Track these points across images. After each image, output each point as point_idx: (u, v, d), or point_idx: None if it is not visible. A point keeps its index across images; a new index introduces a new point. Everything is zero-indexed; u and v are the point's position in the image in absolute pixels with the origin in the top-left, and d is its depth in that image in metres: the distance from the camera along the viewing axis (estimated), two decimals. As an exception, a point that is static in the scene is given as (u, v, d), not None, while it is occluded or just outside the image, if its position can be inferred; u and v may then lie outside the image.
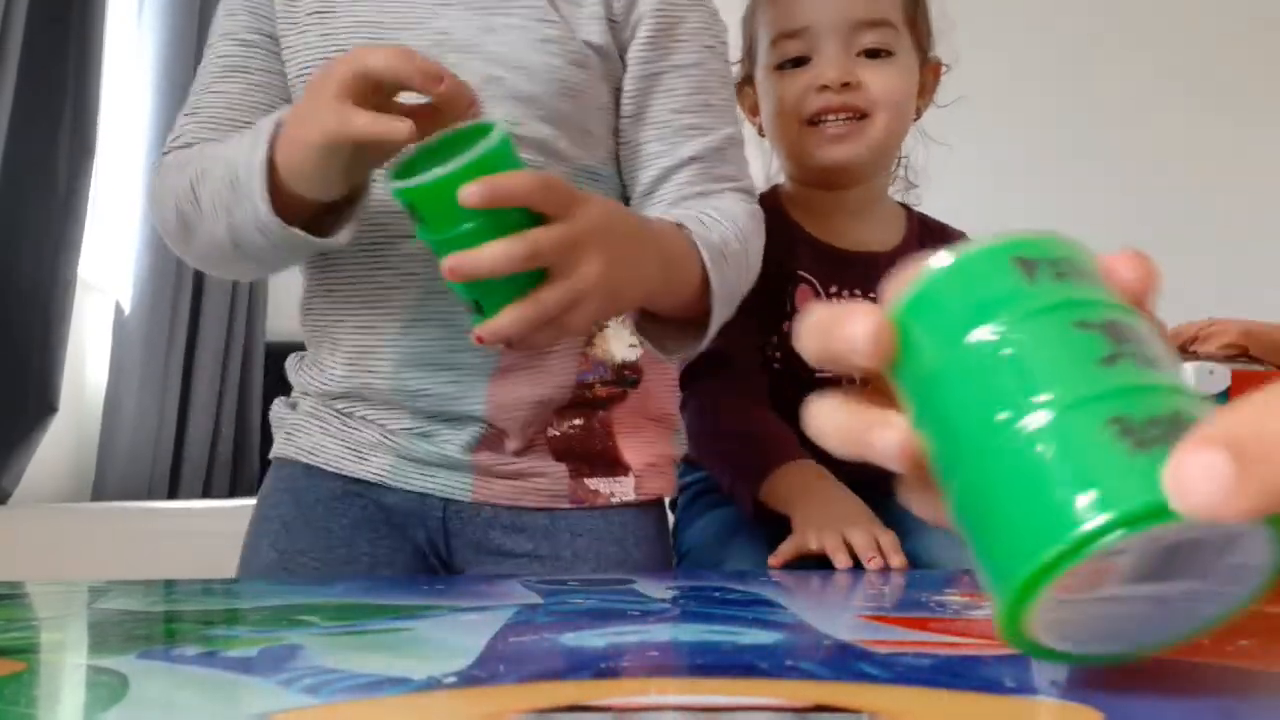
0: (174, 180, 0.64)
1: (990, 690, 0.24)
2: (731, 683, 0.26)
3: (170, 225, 0.65)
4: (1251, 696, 0.25)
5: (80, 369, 1.79)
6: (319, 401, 0.72)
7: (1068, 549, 0.21)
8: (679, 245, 0.62)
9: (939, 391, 0.24)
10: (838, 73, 0.86)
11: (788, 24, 0.89)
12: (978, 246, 0.25)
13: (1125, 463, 0.21)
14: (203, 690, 0.26)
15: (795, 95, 0.88)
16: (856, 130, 0.88)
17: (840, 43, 0.87)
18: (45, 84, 1.51)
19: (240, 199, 0.57)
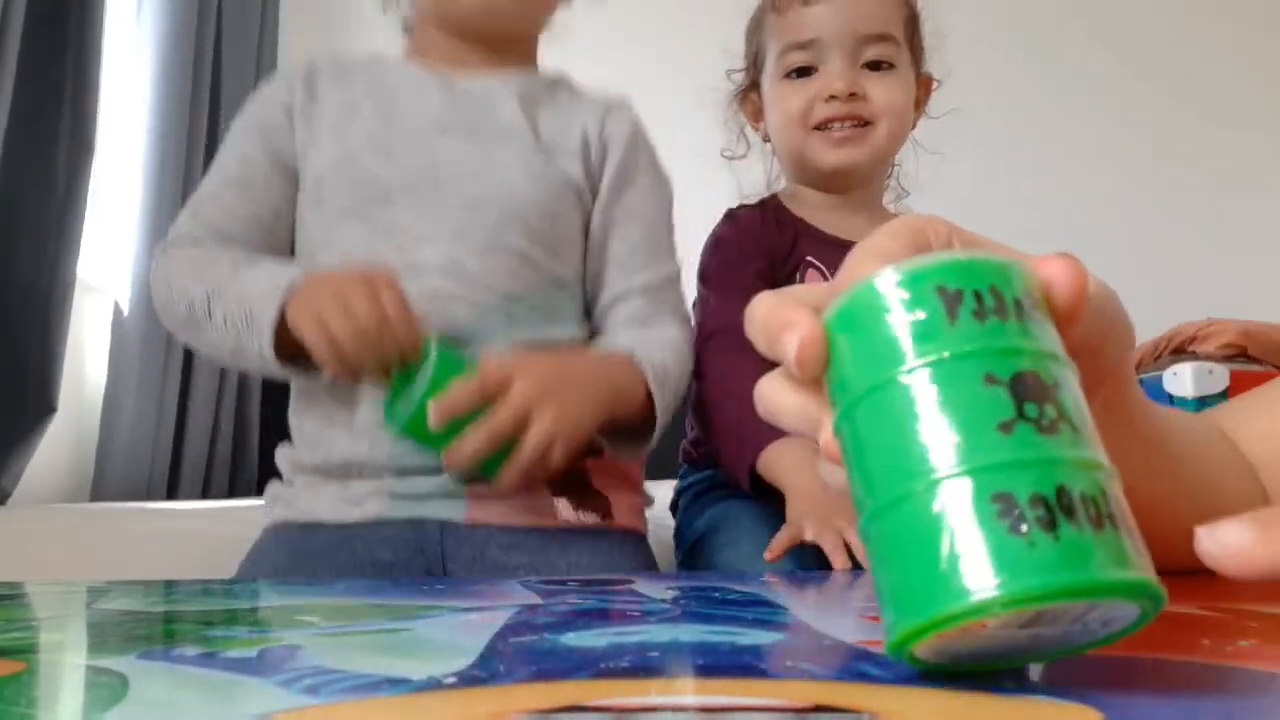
0: (186, 282, 0.74)
1: (990, 690, 0.24)
2: (731, 683, 0.26)
3: (177, 316, 0.75)
4: (1251, 696, 0.25)
5: (79, 369, 1.79)
6: (314, 475, 0.76)
7: (937, 620, 0.22)
8: (625, 373, 0.74)
9: (859, 416, 0.25)
10: (845, 84, 0.93)
11: (796, 36, 0.95)
12: (908, 269, 0.25)
13: (1000, 544, 0.22)
14: (203, 690, 0.26)
15: (803, 103, 0.95)
16: (860, 137, 0.95)
17: (846, 55, 0.94)
18: (44, 83, 1.51)
19: (251, 334, 0.69)
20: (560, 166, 0.79)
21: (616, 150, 0.82)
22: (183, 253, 0.76)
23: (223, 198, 0.78)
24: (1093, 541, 0.22)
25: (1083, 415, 0.24)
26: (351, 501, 0.73)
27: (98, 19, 1.61)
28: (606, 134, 0.82)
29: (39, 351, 1.52)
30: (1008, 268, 0.25)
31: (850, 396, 0.25)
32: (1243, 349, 2.09)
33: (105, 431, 1.82)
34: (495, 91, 0.81)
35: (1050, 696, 0.24)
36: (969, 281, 0.24)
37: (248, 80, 2.24)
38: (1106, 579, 0.22)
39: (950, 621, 0.22)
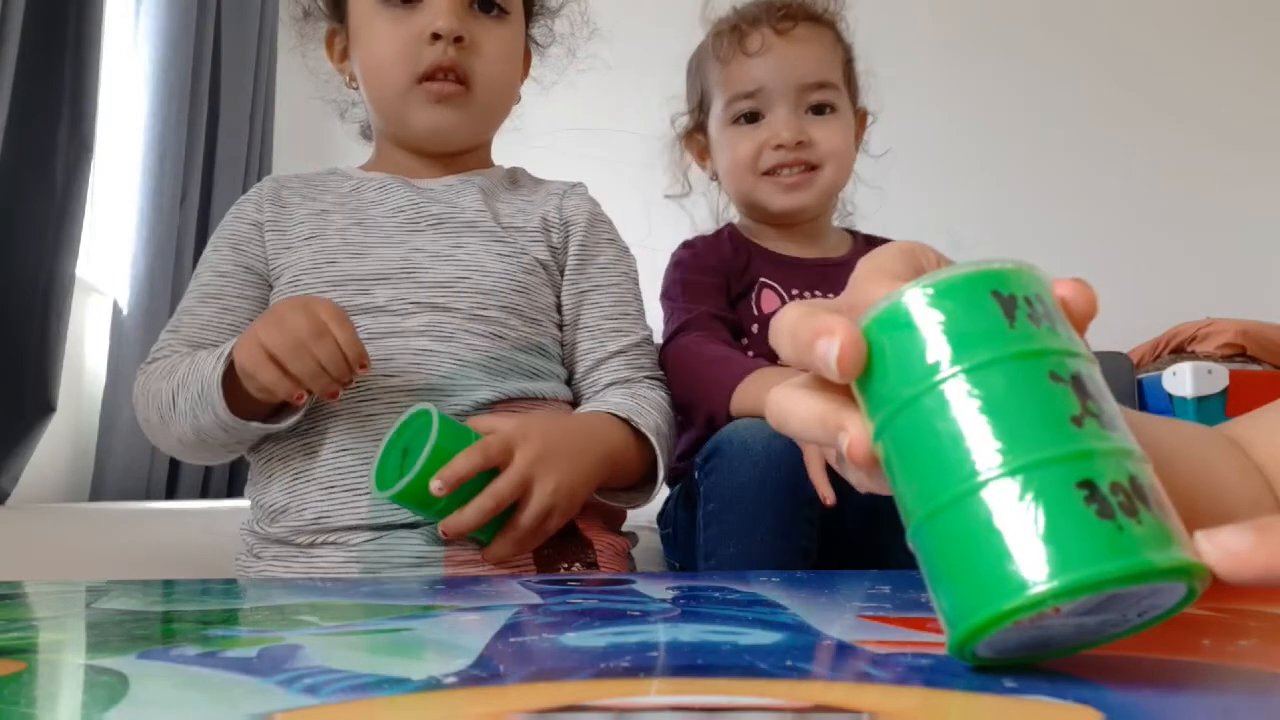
0: (156, 385, 0.76)
1: (990, 690, 0.24)
2: (731, 683, 0.26)
3: (152, 422, 0.78)
4: (1251, 696, 0.25)
5: (78, 369, 1.79)
6: (281, 547, 0.75)
7: (1030, 601, 0.23)
8: (619, 435, 0.77)
9: (909, 419, 0.25)
10: (791, 133, 0.98)
11: (742, 86, 1.00)
12: (957, 274, 0.26)
13: (1090, 529, 0.23)
14: (203, 690, 0.26)
15: (751, 150, 1.00)
16: (808, 181, 1.00)
17: (790, 103, 0.99)
18: (43, 83, 1.51)
19: (204, 404, 0.71)
20: (525, 248, 0.83)
21: (577, 230, 0.86)
22: (157, 366, 0.79)
23: (199, 313, 0.81)
24: (1166, 526, 0.23)
25: (1118, 409, 0.25)
26: (322, 572, 0.73)
27: (97, 19, 1.61)
28: (565, 215, 0.87)
29: (38, 351, 1.52)
30: (1044, 278, 0.26)
31: (900, 400, 0.25)
32: (1242, 348, 2.09)
33: (104, 431, 1.81)
34: (456, 187, 0.85)
35: (1050, 696, 0.24)
36: (1019, 288, 0.25)
37: (247, 80, 2.24)
38: (1187, 561, 0.23)
39: (1042, 603, 0.22)
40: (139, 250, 1.91)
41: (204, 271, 0.84)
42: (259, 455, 0.79)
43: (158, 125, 1.94)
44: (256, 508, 0.78)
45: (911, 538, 0.26)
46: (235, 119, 2.18)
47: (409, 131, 0.84)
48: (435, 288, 0.79)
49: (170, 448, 0.80)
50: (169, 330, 0.82)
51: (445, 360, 0.76)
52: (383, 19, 0.81)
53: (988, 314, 0.25)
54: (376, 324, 0.77)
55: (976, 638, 0.24)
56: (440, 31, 0.78)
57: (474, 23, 0.81)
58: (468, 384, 0.76)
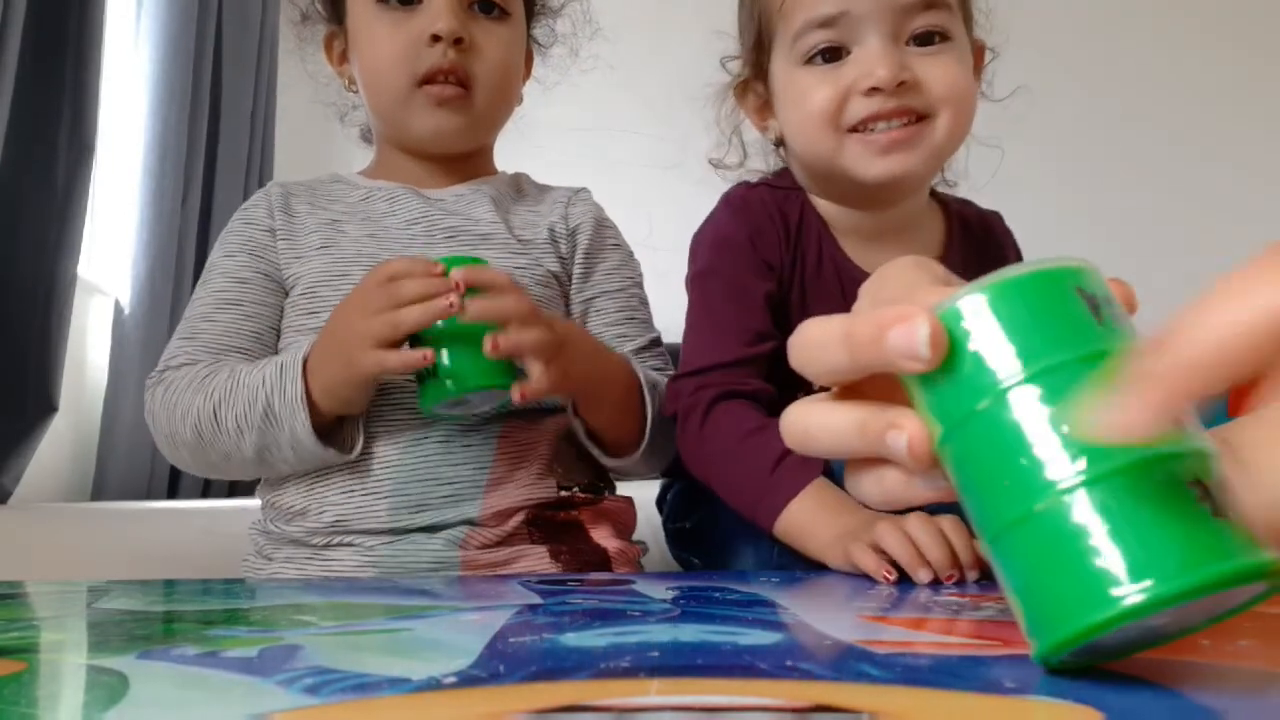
0: (186, 401, 0.73)
1: (990, 690, 0.24)
2: (731, 683, 0.26)
3: (181, 439, 0.74)
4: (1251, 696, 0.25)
5: (80, 369, 1.79)
6: (295, 549, 0.75)
7: (1141, 606, 0.22)
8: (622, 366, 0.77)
9: (995, 416, 0.24)
10: (889, 70, 0.70)
11: (817, 9, 0.73)
12: (1041, 267, 0.25)
13: (1206, 527, 0.22)
14: (203, 690, 0.26)
15: (833, 98, 0.72)
16: (916, 136, 0.72)
17: (887, 30, 0.71)
18: (44, 83, 1.51)
19: (276, 425, 0.70)
20: (538, 261, 0.83)
21: (583, 237, 0.86)
22: (179, 374, 0.76)
23: (217, 319, 0.79)
24: (1245, 526, 0.23)
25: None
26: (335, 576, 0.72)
27: (98, 19, 1.61)
28: (571, 224, 0.86)
29: (39, 351, 1.53)
30: (1104, 279, 0.26)
31: (985, 394, 0.24)
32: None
33: (106, 431, 1.82)
34: (467, 198, 0.85)
35: (1050, 696, 0.24)
36: (1097, 289, 0.25)
37: (248, 81, 2.24)
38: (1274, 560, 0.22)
39: (1167, 602, 0.22)
40: (140, 250, 1.91)
41: (217, 278, 0.82)
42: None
43: (159, 125, 1.94)
44: (271, 508, 0.77)
45: (991, 544, 0.24)
46: (236, 119, 2.18)
47: (410, 135, 0.84)
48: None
49: (205, 465, 0.77)
50: (183, 338, 0.80)
51: None
52: (381, 21, 0.80)
53: (1077, 310, 0.24)
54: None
55: (1072, 645, 0.23)
56: (440, 33, 0.78)
57: (474, 24, 0.81)
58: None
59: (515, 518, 0.74)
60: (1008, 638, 0.32)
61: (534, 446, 0.77)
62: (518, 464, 0.75)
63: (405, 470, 0.73)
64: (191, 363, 0.77)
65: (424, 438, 0.74)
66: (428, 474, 0.73)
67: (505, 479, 0.74)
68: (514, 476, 0.75)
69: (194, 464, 0.77)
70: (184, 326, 0.81)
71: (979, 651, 0.30)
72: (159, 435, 0.77)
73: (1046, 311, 0.24)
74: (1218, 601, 0.24)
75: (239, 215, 0.86)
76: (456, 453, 0.74)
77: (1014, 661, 0.28)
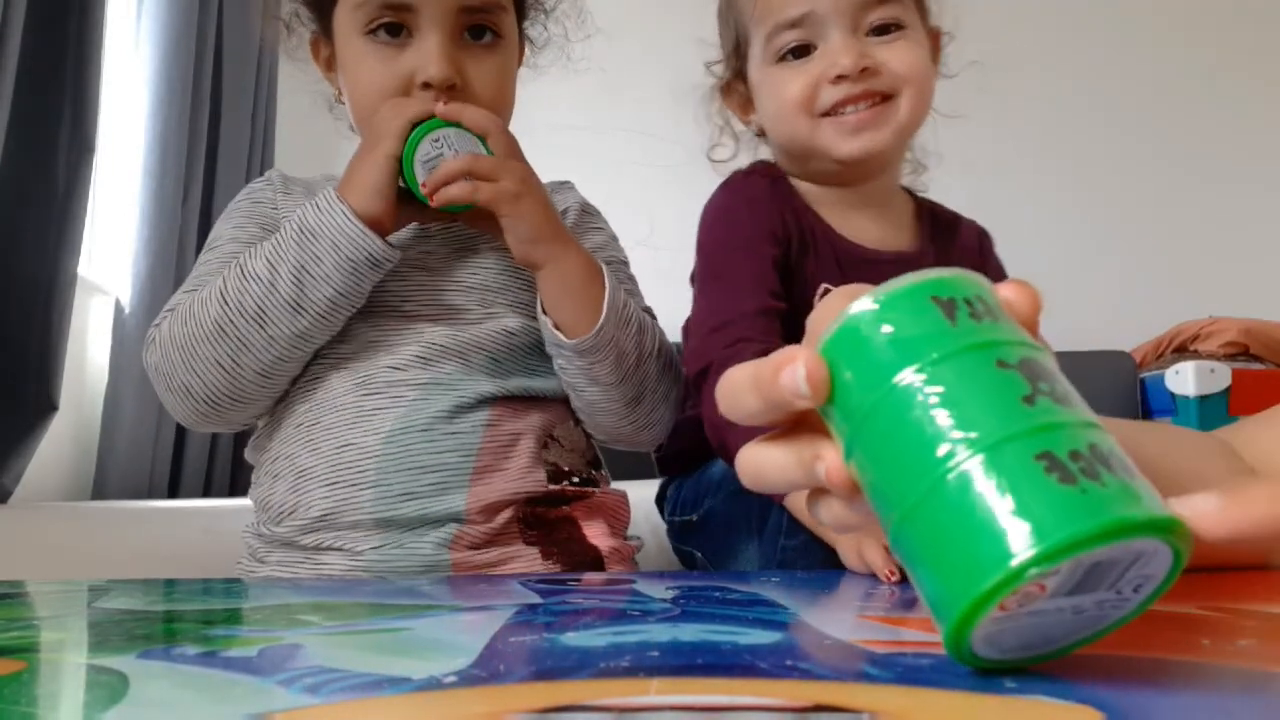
0: (206, 293, 0.73)
1: (990, 690, 0.24)
2: (731, 683, 0.26)
3: (204, 329, 0.72)
4: (1251, 696, 0.25)
5: (80, 368, 1.79)
6: (286, 552, 0.74)
7: (1009, 575, 0.23)
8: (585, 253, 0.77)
9: (872, 427, 0.26)
10: (852, 59, 0.79)
11: (784, 12, 0.82)
12: (897, 286, 0.27)
13: (1054, 495, 0.23)
14: (203, 690, 0.26)
15: (804, 89, 0.81)
16: (880, 116, 0.81)
17: (847, 25, 0.80)
18: (44, 82, 1.51)
19: (312, 236, 0.71)
20: None
21: (568, 219, 0.86)
22: (182, 306, 0.75)
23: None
24: (1133, 485, 0.24)
25: (1074, 391, 0.26)
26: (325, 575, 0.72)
27: (98, 19, 1.61)
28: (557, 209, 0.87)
29: (40, 350, 1.53)
30: (981, 281, 0.28)
31: (861, 411, 0.26)
32: (1245, 347, 2.09)
33: (107, 430, 1.82)
34: None
35: (1050, 696, 0.24)
36: (956, 292, 0.27)
37: (249, 80, 2.24)
38: (1160, 514, 0.23)
39: (1019, 575, 0.23)
40: (141, 249, 1.91)
41: (226, 243, 0.80)
42: (264, 454, 0.78)
43: (159, 125, 1.94)
44: (262, 509, 0.77)
45: (893, 545, 0.26)
46: (237, 118, 2.18)
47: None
48: (446, 290, 0.79)
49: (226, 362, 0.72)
50: (185, 290, 0.78)
51: (452, 356, 0.76)
52: (370, 56, 0.76)
53: (930, 317, 0.26)
54: (386, 323, 0.77)
55: (966, 628, 0.24)
56: (431, 81, 0.75)
57: (466, 57, 0.77)
58: (472, 380, 0.76)
59: (504, 513, 0.73)
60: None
61: (521, 436, 0.76)
62: (505, 454, 0.75)
63: (389, 459, 0.72)
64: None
65: (408, 426, 0.73)
66: (411, 462, 0.72)
67: (492, 468, 0.74)
68: (501, 466, 0.74)
69: (207, 369, 0.73)
70: (190, 283, 0.79)
71: (979, 651, 0.30)
72: (172, 355, 0.74)
73: (906, 323, 0.26)
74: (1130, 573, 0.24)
75: (245, 195, 0.85)
76: (440, 440, 0.73)
77: (1014, 661, 0.28)
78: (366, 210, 0.72)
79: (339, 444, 0.73)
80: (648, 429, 0.81)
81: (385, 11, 0.75)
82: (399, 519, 0.71)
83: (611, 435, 0.82)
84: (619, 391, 0.77)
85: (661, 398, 0.81)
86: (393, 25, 0.75)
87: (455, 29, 0.76)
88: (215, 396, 0.74)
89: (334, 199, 0.72)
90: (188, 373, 0.73)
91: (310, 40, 0.85)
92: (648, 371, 0.79)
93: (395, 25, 0.75)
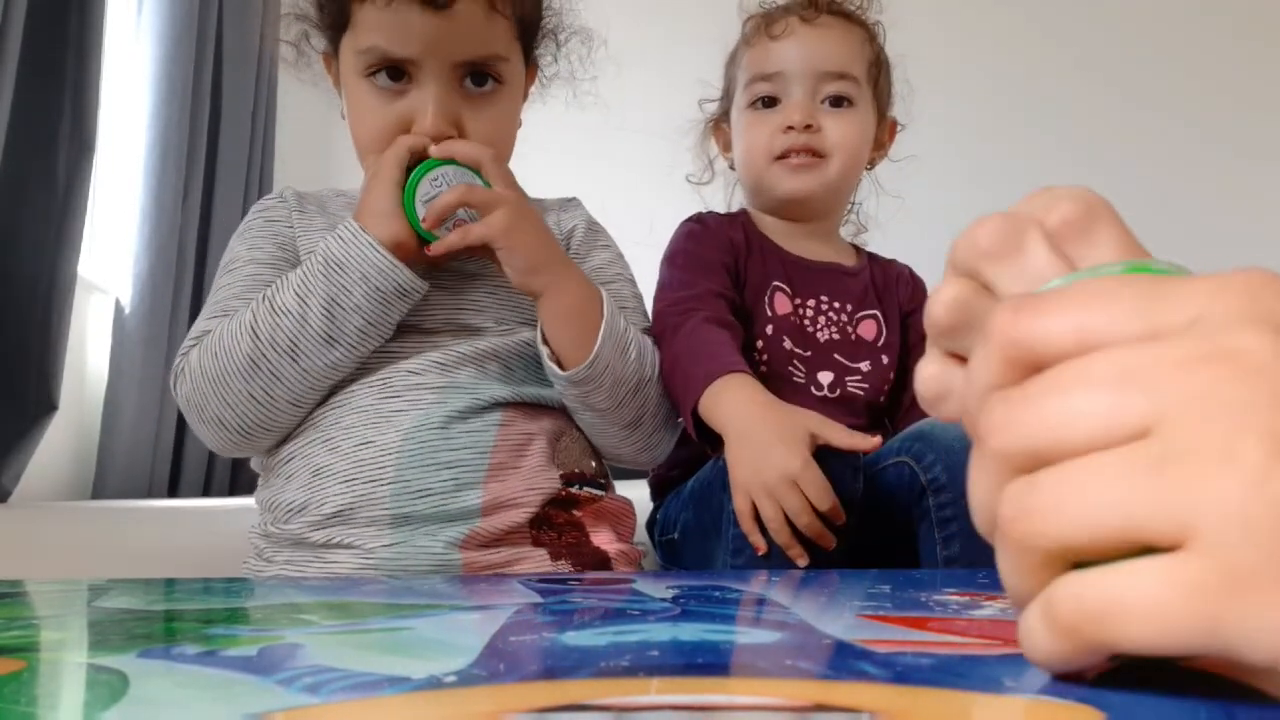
0: (236, 322, 0.74)
1: (990, 690, 0.24)
2: (731, 682, 0.26)
3: (235, 363, 0.73)
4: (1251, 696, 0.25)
5: (80, 368, 1.80)
6: (295, 551, 0.74)
7: None
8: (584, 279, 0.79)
9: None
10: (802, 115, 0.98)
11: (762, 68, 1.00)
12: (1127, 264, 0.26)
13: None
14: (203, 689, 0.26)
15: (765, 134, 1.00)
16: (813, 166, 0.99)
17: (807, 89, 0.99)
18: (44, 82, 1.51)
19: (340, 268, 0.72)
20: None
21: (576, 236, 0.88)
22: (209, 339, 0.75)
23: (251, 298, 0.77)
24: None
25: None
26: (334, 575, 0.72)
27: (98, 19, 1.62)
28: (564, 229, 0.89)
29: (40, 350, 1.53)
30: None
31: None
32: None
33: (106, 430, 1.82)
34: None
35: (1050, 696, 0.24)
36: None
37: (249, 78, 2.24)
38: None
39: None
40: (141, 249, 1.91)
41: (244, 264, 0.80)
42: (275, 457, 0.78)
43: (159, 123, 1.94)
44: (270, 509, 0.77)
45: None
46: (237, 117, 2.18)
47: None
48: (464, 310, 0.81)
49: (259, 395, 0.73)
50: (208, 317, 0.78)
51: (468, 363, 0.78)
52: (371, 97, 0.78)
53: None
54: (406, 338, 0.78)
55: None
56: (428, 134, 0.76)
57: (465, 106, 0.78)
58: (486, 384, 0.77)
59: (518, 512, 0.74)
60: (1008, 637, 0.32)
61: (534, 437, 0.77)
62: (519, 453, 0.76)
63: (408, 455, 0.73)
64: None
65: (426, 424, 0.74)
66: (429, 459, 0.73)
67: (507, 466, 0.75)
68: (516, 465, 0.75)
69: (240, 403, 0.74)
70: (213, 308, 0.79)
71: (979, 651, 0.30)
72: (204, 388, 0.74)
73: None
74: None
75: (257, 214, 0.85)
76: (457, 438, 0.74)
77: (1014, 661, 0.28)
78: (390, 237, 0.73)
79: (359, 442, 0.74)
80: (647, 451, 0.83)
81: (386, 61, 0.76)
82: (416, 515, 0.72)
83: (611, 456, 0.84)
84: (615, 416, 0.79)
85: (662, 422, 0.82)
86: (394, 70, 0.76)
87: (455, 78, 0.77)
88: (248, 427, 0.75)
89: (357, 229, 0.73)
90: (221, 405, 0.74)
91: (323, 55, 0.86)
92: (647, 396, 0.80)
93: (397, 70, 0.76)
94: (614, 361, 0.77)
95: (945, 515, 0.76)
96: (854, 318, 1.01)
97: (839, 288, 1.01)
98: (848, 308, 1.01)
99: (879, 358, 1.00)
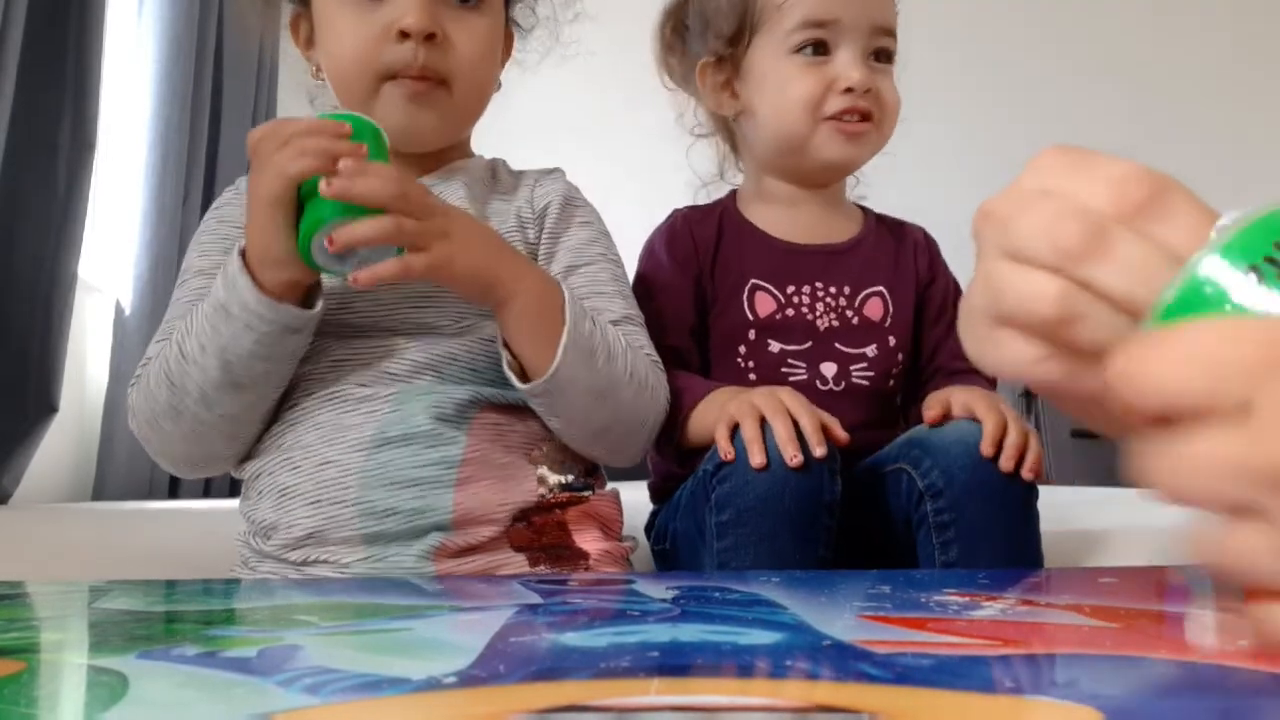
0: (150, 389, 0.72)
1: (990, 690, 0.24)
2: (731, 683, 0.26)
3: (160, 406, 0.71)
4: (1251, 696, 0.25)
5: (81, 369, 1.79)
6: (276, 565, 0.73)
7: None
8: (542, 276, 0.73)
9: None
10: (862, 76, 0.88)
11: (813, 13, 0.89)
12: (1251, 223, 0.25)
13: None
14: (203, 690, 0.26)
15: (814, 88, 0.89)
16: (868, 132, 0.90)
17: (862, 44, 0.89)
18: (45, 82, 1.51)
19: (227, 313, 0.67)
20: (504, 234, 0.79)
21: (549, 218, 0.82)
22: (145, 372, 0.74)
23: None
24: None
25: None
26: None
27: (98, 19, 1.62)
28: (537, 205, 0.83)
29: (40, 351, 1.53)
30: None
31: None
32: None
33: (107, 431, 1.82)
34: (438, 188, 0.79)
35: (1050, 696, 0.24)
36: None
37: (248, 80, 2.24)
38: None
39: None
40: (141, 249, 1.91)
41: (193, 277, 0.78)
42: (246, 472, 0.76)
43: (160, 124, 1.94)
44: (249, 521, 0.75)
45: None
46: (237, 118, 2.18)
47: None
48: (421, 307, 0.76)
49: (187, 436, 0.72)
50: (158, 339, 0.77)
51: (424, 369, 0.74)
52: (347, 12, 0.75)
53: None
54: (359, 341, 0.75)
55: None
56: (409, 29, 0.72)
57: (447, 15, 0.75)
58: (446, 390, 0.73)
59: (489, 528, 0.71)
60: (1008, 637, 0.32)
61: (507, 444, 0.74)
62: (490, 462, 0.73)
63: (370, 476, 0.70)
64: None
65: (387, 440, 0.71)
66: (393, 477, 0.70)
67: (476, 478, 0.71)
68: (487, 475, 0.72)
69: (176, 442, 0.73)
70: (161, 330, 0.77)
71: (979, 651, 0.30)
72: (144, 429, 0.74)
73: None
74: None
75: (211, 215, 0.82)
76: (422, 453, 0.71)
77: (1014, 661, 0.28)
78: (273, 282, 0.67)
79: (319, 461, 0.71)
80: (619, 453, 0.79)
81: None
82: (385, 534, 0.70)
83: (586, 456, 0.79)
84: (583, 421, 0.75)
85: (637, 424, 0.78)
86: None
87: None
88: (195, 460, 0.75)
89: (237, 272, 0.67)
90: (161, 444, 0.74)
91: (290, 19, 0.83)
92: (619, 400, 0.75)
93: None
94: (578, 371, 0.72)
95: (943, 520, 0.75)
96: (855, 298, 0.93)
97: (834, 270, 0.93)
98: (845, 290, 0.93)
99: (885, 339, 0.93)
